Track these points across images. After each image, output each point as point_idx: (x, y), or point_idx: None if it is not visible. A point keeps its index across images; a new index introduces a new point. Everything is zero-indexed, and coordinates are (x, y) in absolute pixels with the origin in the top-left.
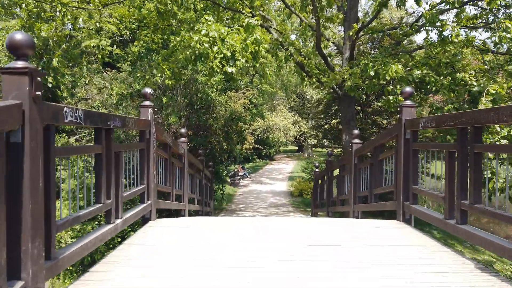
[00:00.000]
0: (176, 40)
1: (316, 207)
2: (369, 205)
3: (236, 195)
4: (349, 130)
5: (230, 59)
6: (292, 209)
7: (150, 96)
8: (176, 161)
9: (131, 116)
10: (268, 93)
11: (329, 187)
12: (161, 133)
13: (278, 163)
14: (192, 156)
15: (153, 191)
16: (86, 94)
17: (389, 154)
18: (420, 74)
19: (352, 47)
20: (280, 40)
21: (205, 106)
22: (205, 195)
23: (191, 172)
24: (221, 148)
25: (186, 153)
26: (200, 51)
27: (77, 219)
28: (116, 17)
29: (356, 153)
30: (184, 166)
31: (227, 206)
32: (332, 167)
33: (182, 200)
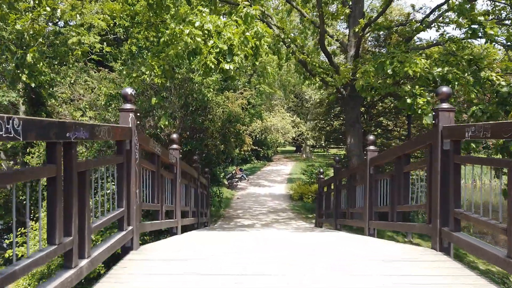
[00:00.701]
0: (166, 34)
1: (321, 217)
2: (391, 224)
3: (234, 199)
4: (354, 133)
5: (228, 54)
6: (293, 216)
7: (132, 97)
8: (167, 173)
9: (103, 124)
10: (266, 93)
11: (337, 197)
12: (147, 141)
13: (277, 164)
14: (185, 164)
15: (136, 214)
16: (71, 95)
17: (419, 167)
18: (441, 72)
19: (358, 44)
20: (282, 36)
21: (201, 107)
22: (201, 205)
23: (185, 182)
24: (218, 152)
25: (179, 162)
26: (192, 46)
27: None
28: (107, 13)
29: (372, 162)
30: (176, 177)
31: (225, 212)
32: (341, 175)
33: (174, 216)
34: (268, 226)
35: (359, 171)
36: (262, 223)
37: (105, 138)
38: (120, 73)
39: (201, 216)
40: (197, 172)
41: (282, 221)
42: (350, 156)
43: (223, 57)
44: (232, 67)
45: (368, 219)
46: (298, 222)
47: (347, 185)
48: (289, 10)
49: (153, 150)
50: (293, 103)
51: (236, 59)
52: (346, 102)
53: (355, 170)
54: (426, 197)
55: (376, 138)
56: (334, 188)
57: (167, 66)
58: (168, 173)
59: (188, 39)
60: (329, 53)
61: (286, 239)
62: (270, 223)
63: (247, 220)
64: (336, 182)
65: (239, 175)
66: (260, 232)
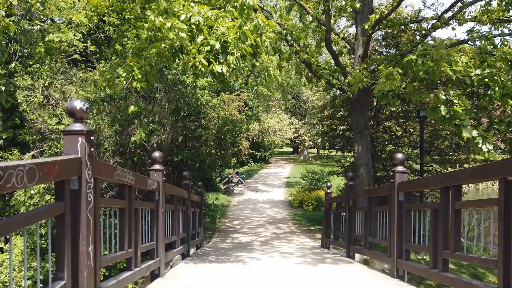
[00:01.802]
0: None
1: (328, 237)
2: (435, 274)
3: (230, 207)
4: (363, 140)
5: (221, 53)
6: (294, 228)
7: (83, 113)
8: (145, 203)
9: (20, 163)
10: (264, 94)
11: (351, 219)
12: (110, 172)
13: (274, 167)
14: (171, 187)
15: (86, 279)
16: (46, 100)
17: (482, 205)
18: (481, 74)
19: (367, 43)
20: (283, 33)
21: (194, 112)
22: (193, 226)
23: (171, 207)
24: (213, 161)
25: (162, 186)
26: (176, 44)
27: None
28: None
29: (402, 187)
30: (158, 206)
31: (220, 224)
32: (356, 195)
33: (156, 254)
34: (268, 244)
35: (380, 194)
36: (261, 239)
37: (28, 185)
38: (102, 74)
39: (192, 239)
40: (187, 191)
41: (283, 236)
42: (358, 165)
43: (214, 57)
44: (225, 69)
45: (397, 257)
46: (301, 238)
47: (366, 208)
48: (288, 8)
49: (121, 182)
50: (291, 104)
51: (231, 59)
52: (354, 106)
53: (376, 192)
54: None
55: (384, 146)
56: (346, 208)
57: (149, 67)
58: (147, 203)
59: (170, 35)
60: (335, 52)
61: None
62: (270, 240)
63: (245, 235)
64: (349, 201)
65: (235, 179)
66: (263, 270)
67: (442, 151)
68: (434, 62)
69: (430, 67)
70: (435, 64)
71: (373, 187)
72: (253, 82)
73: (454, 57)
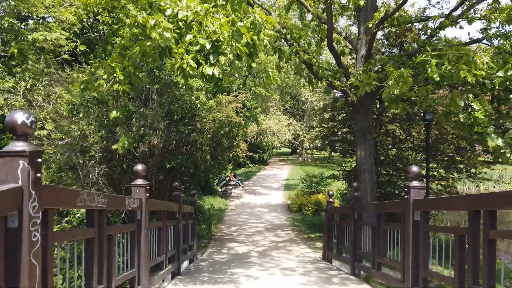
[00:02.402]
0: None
1: (330, 249)
2: None
3: (227, 211)
4: (366, 145)
5: (212, 54)
6: (293, 236)
7: (26, 128)
8: (120, 228)
9: None
10: (262, 95)
11: (356, 234)
12: (71, 197)
13: (272, 168)
14: (157, 203)
15: None
16: (26, 103)
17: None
18: (504, 77)
19: (371, 42)
20: (283, 32)
21: (188, 116)
22: (185, 240)
23: (158, 225)
24: (208, 167)
25: (146, 204)
26: (159, 44)
27: None
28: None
29: (419, 205)
30: (140, 227)
31: (216, 230)
32: (362, 209)
33: (136, 283)
34: (266, 256)
35: (392, 210)
36: (259, 249)
37: None
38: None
39: (184, 253)
40: (178, 203)
41: (282, 246)
42: (360, 170)
43: (204, 57)
44: (217, 71)
45: (412, 284)
46: (301, 248)
47: (374, 224)
48: (287, 7)
49: (88, 207)
50: (290, 104)
51: (222, 60)
52: (356, 109)
53: (387, 208)
54: None
55: (387, 150)
56: (351, 221)
57: (132, 68)
58: (126, 226)
59: (153, 34)
60: (337, 52)
61: None
62: (268, 250)
63: (242, 244)
64: (354, 214)
65: (233, 182)
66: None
67: (448, 156)
68: (451, 63)
69: (447, 69)
70: (452, 66)
71: (383, 202)
72: (251, 83)
73: (473, 58)
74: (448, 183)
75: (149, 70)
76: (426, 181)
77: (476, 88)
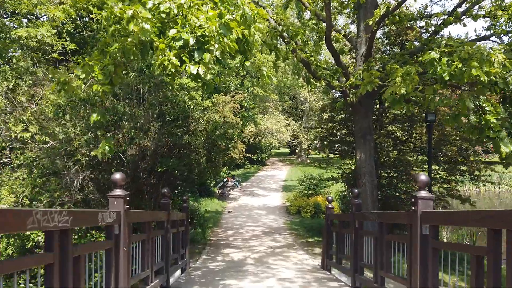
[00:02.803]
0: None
1: (330, 258)
2: None
3: (224, 213)
4: (366, 146)
5: (196, 50)
6: (291, 240)
7: None
8: (91, 247)
9: None
10: (260, 95)
11: (357, 244)
12: (19, 220)
13: (271, 169)
14: (139, 214)
15: None
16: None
17: None
18: None
19: (371, 40)
20: (279, 29)
21: (181, 117)
22: (175, 249)
23: (141, 237)
24: (202, 171)
25: (125, 216)
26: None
27: None
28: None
29: (428, 218)
30: (118, 243)
31: (212, 234)
32: (363, 217)
33: None
34: (263, 263)
35: (397, 221)
36: (256, 256)
37: None
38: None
39: (175, 263)
40: (166, 212)
41: (280, 252)
42: (360, 173)
43: (188, 54)
44: (202, 70)
45: None
46: (300, 254)
47: (377, 234)
48: (285, 5)
49: (43, 229)
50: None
51: (208, 57)
52: (356, 109)
53: (391, 218)
54: None
55: (388, 152)
56: (351, 229)
57: (113, 67)
58: (99, 243)
59: (131, 27)
60: (336, 51)
61: None
62: (265, 257)
63: (238, 251)
64: (355, 222)
65: (231, 183)
66: None
67: (450, 158)
68: (462, 61)
69: (458, 68)
70: (463, 64)
71: (387, 212)
72: (249, 83)
73: (488, 56)
74: (451, 186)
75: (139, 70)
76: (429, 185)
77: (487, 88)
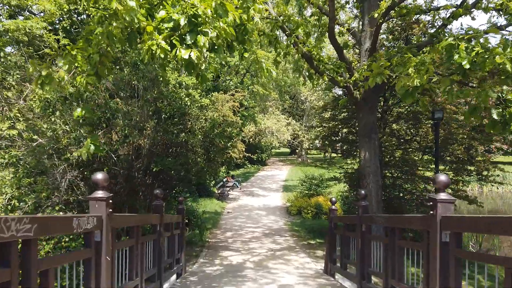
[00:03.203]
0: None
1: (334, 262)
2: None
3: (223, 214)
4: (370, 145)
5: (188, 33)
6: (292, 242)
7: None
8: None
9: None
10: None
11: (364, 249)
12: None
13: (271, 169)
14: (126, 217)
15: None
16: None
17: None
18: None
19: (376, 34)
20: (280, 20)
21: (177, 115)
22: (169, 254)
23: (129, 243)
24: (199, 171)
25: (107, 221)
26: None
27: None
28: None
29: (449, 224)
30: (99, 252)
31: (211, 236)
32: (371, 220)
33: None
34: (263, 268)
35: (411, 226)
36: (255, 259)
37: None
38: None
39: (169, 269)
40: (159, 214)
41: (280, 255)
42: (364, 173)
43: (179, 37)
44: (195, 55)
45: None
46: (301, 258)
47: (388, 240)
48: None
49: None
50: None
51: (202, 40)
52: (360, 106)
53: (403, 223)
54: None
55: (392, 151)
56: (358, 233)
57: (98, 56)
58: (74, 254)
59: (115, 4)
60: (340, 45)
61: None
62: (265, 260)
63: (237, 253)
64: (362, 226)
65: (230, 183)
66: None
67: (457, 157)
68: (485, 48)
69: (479, 55)
70: (486, 52)
71: (398, 216)
72: (249, 81)
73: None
74: (458, 187)
75: (133, 64)
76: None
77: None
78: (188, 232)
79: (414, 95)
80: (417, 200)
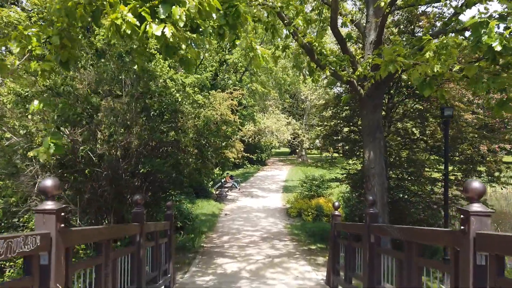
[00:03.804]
0: None
1: (336, 273)
2: None
3: (221, 216)
4: (375, 145)
5: (161, 4)
6: (292, 248)
7: None
8: None
9: None
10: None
11: (373, 264)
12: None
13: (271, 169)
14: (87, 232)
15: None
16: None
17: None
18: None
19: (381, 26)
20: (278, 5)
21: (168, 111)
22: (154, 267)
23: (93, 263)
24: (191, 172)
25: (57, 240)
26: None
27: None
28: None
29: (485, 243)
30: (47, 279)
31: (207, 240)
32: (381, 231)
33: None
34: (259, 277)
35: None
36: (252, 267)
37: None
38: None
39: (153, 283)
40: (138, 224)
41: (279, 262)
42: (369, 175)
43: (150, 9)
44: (169, 31)
45: None
46: (301, 265)
47: (404, 256)
48: None
49: None
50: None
51: (178, 12)
52: (364, 103)
53: (422, 237)
54: None
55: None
56: (365, 244)
57: (57, 38)
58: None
59: None
60: (343, 37)
61: None
62: (262, 269)
63: (232, 261)
64: (370, 237)
65: (229, 184)
66: None
67: (467, 157)
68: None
69: None
70: None
71: (418, 228)
72: (248, 80)
73: None
74: None
75: (117, 56)
76: (445, 188)
77: None
78: (182, 236)
79: (432, 86)
80: (423, 202)
